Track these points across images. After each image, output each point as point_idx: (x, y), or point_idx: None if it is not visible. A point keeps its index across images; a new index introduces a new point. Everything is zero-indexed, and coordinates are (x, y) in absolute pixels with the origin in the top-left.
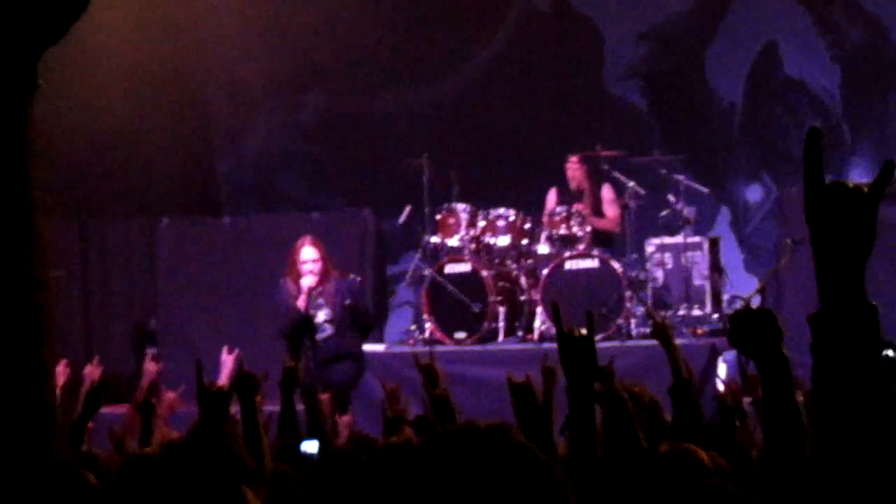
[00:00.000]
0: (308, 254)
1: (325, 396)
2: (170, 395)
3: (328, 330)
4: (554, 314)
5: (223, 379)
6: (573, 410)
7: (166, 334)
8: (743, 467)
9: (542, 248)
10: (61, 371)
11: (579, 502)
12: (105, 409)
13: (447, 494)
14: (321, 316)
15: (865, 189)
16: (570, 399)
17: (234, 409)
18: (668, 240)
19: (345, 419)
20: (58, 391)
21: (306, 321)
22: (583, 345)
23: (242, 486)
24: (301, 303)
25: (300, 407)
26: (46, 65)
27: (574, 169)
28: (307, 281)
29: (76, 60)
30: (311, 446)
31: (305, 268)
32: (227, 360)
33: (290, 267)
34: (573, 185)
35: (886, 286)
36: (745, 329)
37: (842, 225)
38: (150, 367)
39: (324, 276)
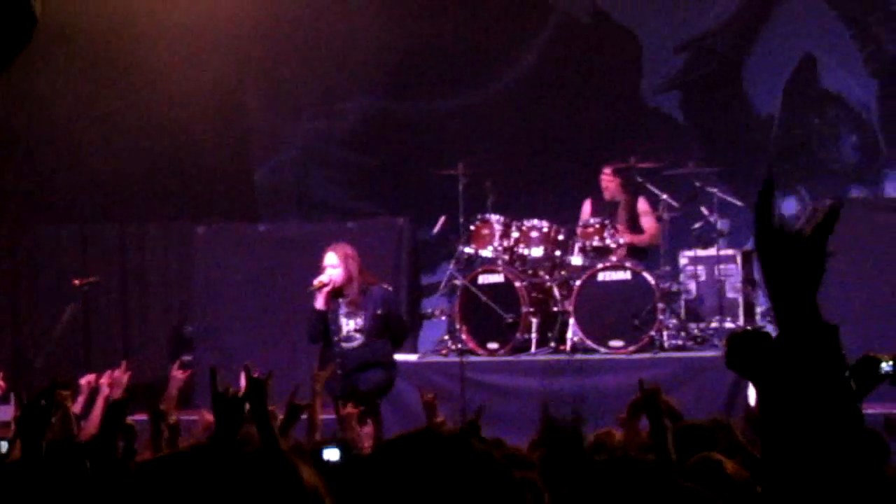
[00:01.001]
0: (328, 259)
1: (350, 409)
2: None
3: (358, 339)
4: None
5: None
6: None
7: (202, 340)
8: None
9: (576, 260)
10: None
11: None
12: (140, 417)
13: (407, 499)
14: (351, 325)
15: (809, 231)
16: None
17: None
18: (701, 252)
19: (367, 430)
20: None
21: (322, 320)
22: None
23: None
24: (318, 303)
25: (329, 416)
26: (94, 73)
27: (607, 180)
28: (320, 278)
29: (118, 67)
30: (332, 454)
31: (324, 273)
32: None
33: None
34: (607, 195)
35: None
36: (742, 351)
37: (788, 263)
38: (178, 374)
39: (347, 284)
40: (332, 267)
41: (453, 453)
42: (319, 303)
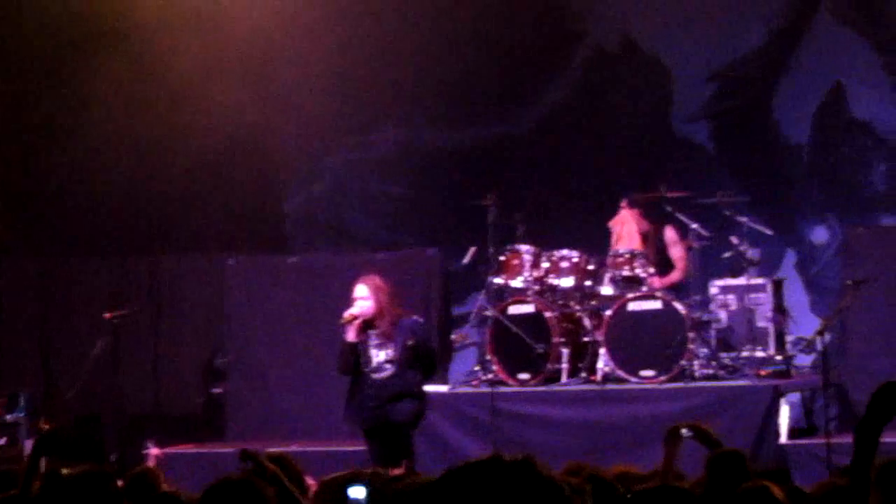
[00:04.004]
0: (358, 291)
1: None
2: None
3: (389, 370)
4: None
5: None
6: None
7: (235, 371)
8: None
9: (606, 290)
10: None
11: None
12: (173, 450)
13: None
14: (382, 356)
15: None
16: None
17: None
18: (731, 281)
19: (396, 471)
20: None
21: (353, 352)
22: None
23: None
24: (349, 335)
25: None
26: (128, 106)
27: (624, 214)
28: (351, 310)
29: (151, 102)
30: (358, 492)
31: (354, 305)
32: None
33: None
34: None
35: None
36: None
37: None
38: (154, 451)
39: (376, 314)
40: (363, 299)
41: (520, 480)
42: (351, 335)
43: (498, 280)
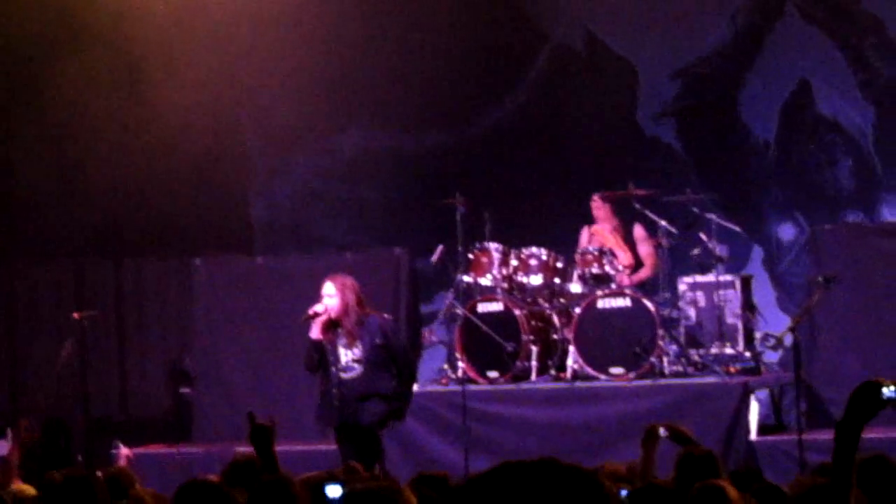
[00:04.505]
0: (325, 289)
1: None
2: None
3: (356, 369)
4: None
5: None
6: None
7: (201, 373)
8: None
9: (575, 287)
10: None
11: None
12: (140, 450)
13: None
14: (349, 355)
15: None
16: None
17: None
18: (700, 278)
19: None
20: None
21: (317, 350)
22: None
23: None
24: (312, 332)
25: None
26: (89, 108)
27: (597, 207)
28: (316, 308)
29: (114, 103)
30: (334, 490)
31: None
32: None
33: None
34: (598, 223)
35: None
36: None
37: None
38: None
39: (343, 314)
40: (329, 297)
41: (574, 483)
42: (314, 332)
43: (467, 278)
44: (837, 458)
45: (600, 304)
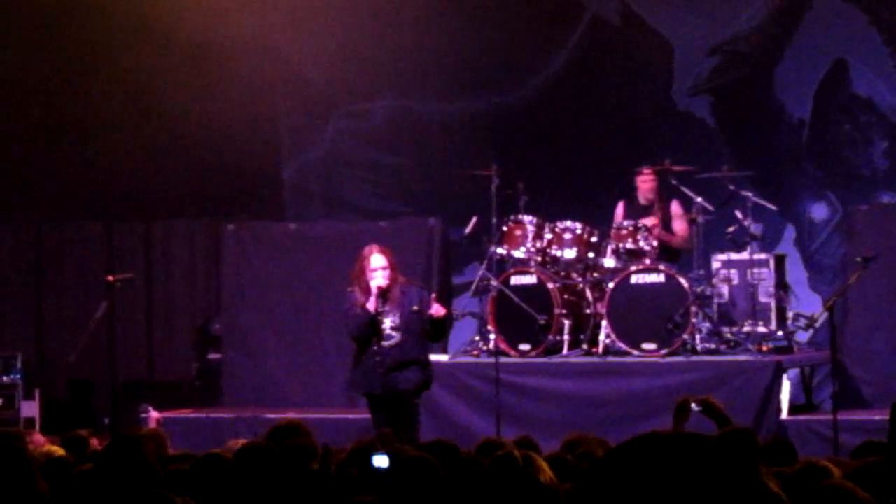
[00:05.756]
0: (377, 261)
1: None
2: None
3: (395, 337)
4: None
5: None
6: None
7: (230, 338)
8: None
9: (609, 262)
10: None
11: None
12: (168, 414)
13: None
14: (388, 323)
15: None
16: None
17: None
18: (734, 256)
19: None
20: None
21: (373, 323)
22: None
23: None
24: (371, 305)
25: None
26: (119, 73)
27: (647, 180)
28: (377, 282)
29: (151, 67)
30: (381, 461)
31: (375, 275)
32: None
33: (359, 275)
34: (642, 198)
35: None
36: None
37: None
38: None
39: (392, 283)
40: (383, 269)
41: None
42: (372, 305)
43: (500, 250)
44: (894, 437)
45: (634, 279)
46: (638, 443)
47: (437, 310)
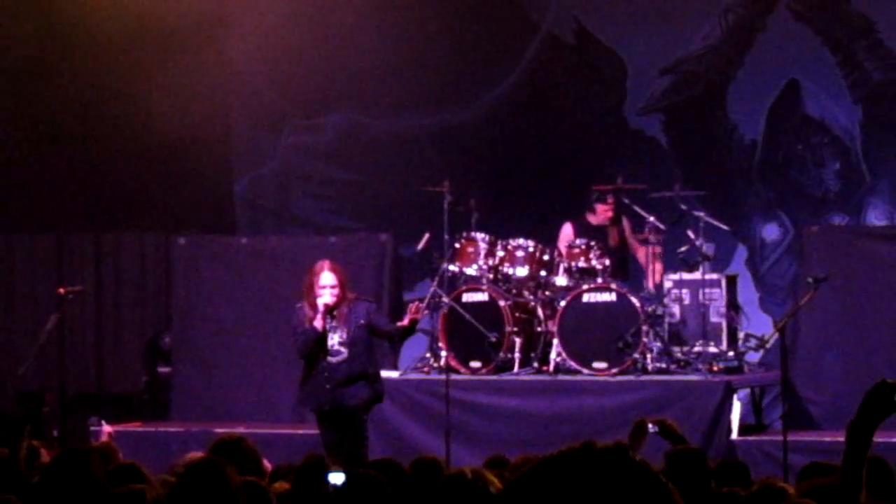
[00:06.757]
0: (327, 279)
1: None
2: None
3: (343, 353)
4: None
5: None
6: None
7: (179, 351)
8: None
9: (560, 280)
10: None
11: None
12: (116, 427)
13: None
14: (335, 339)
15: None
16: None
17: None
18: (686, 276)
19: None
20: None
21: (321, 341)
22: None
23: None
24: (318, 322)
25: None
26: (69, 85)
27: (609, 209)
28: (324, 299)
29: (100, 74)
30: (337, 478)
31: (323, 292)
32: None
33: (308, 290)
34: (598, 220)
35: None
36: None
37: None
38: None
39: (340, 300)
40: (332, 287)
41: (615, 468)
42: (319, 323)
43: (452, 267)
44: (849, 458)
45: (585, 297)
46: (563, 456)
47: (415, 310)
